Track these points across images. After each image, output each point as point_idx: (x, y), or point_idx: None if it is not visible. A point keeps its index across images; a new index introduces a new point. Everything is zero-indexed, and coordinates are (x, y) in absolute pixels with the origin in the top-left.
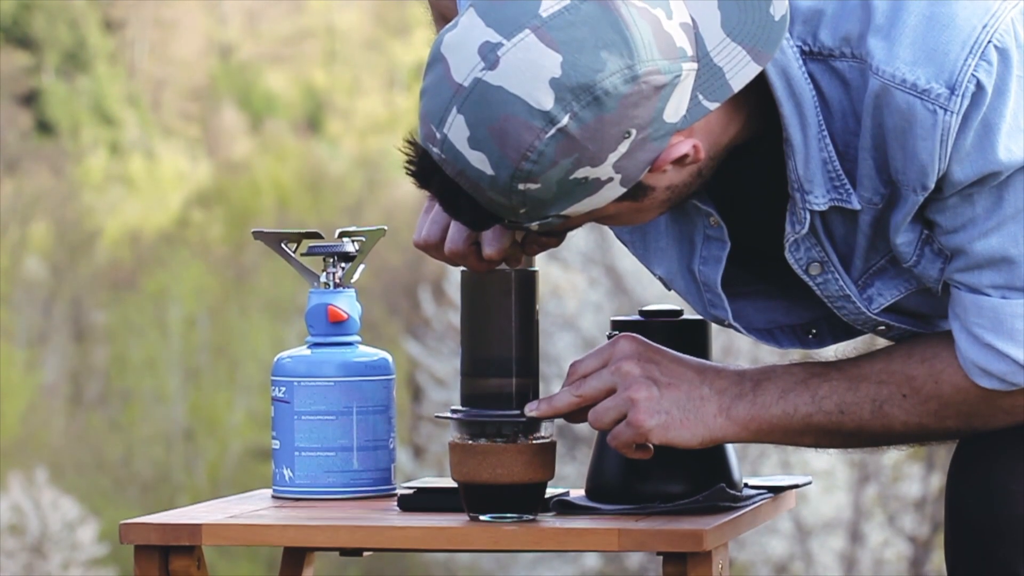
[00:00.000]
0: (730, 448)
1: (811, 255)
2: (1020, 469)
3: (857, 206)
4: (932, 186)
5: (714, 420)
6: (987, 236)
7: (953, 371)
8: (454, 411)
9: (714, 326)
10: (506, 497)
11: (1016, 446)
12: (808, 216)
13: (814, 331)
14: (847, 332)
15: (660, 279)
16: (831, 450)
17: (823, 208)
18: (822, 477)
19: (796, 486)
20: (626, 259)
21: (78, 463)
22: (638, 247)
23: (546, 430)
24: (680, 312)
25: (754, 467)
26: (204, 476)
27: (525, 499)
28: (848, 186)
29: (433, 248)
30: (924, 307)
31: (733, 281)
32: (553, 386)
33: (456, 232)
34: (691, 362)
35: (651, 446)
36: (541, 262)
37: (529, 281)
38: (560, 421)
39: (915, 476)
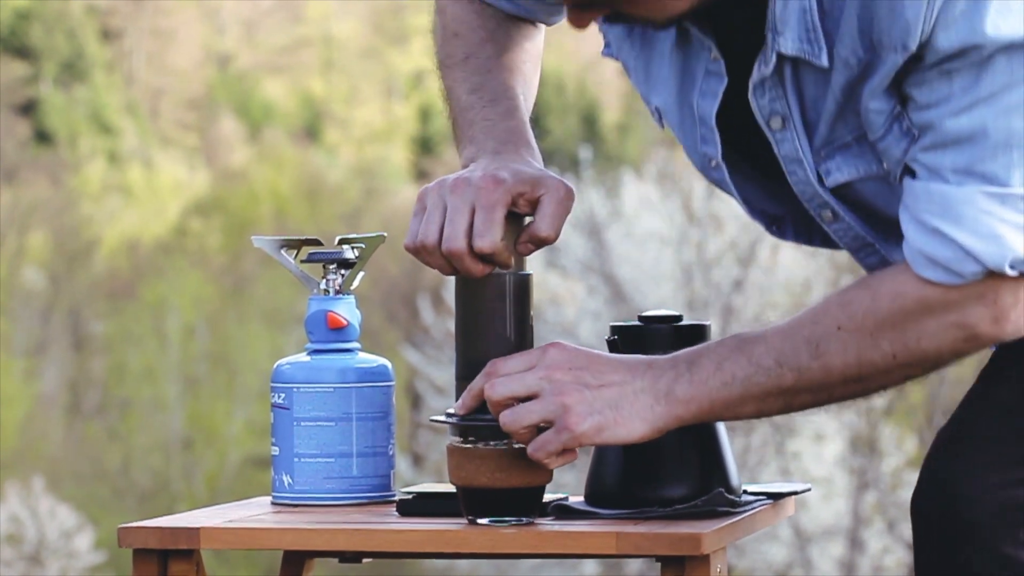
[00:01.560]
0: (728, 453)
1: (774, 107)
2: (979, 479)
3: (825, 63)
4: (914, 48)
5: (652, 411)
6: (958, 115)
7: (891, 280)
8: (449, 415)
9: (714, 332)
10: (504, 501)
11: (975, 458)
12: (775, 58)
13: (778, 225)
14: (808, 232)
15: (656, 111)
16: (776, 418)
17: (790, 53)
18: (821, 484)
19: (795, 493)
20: (624, 267)
21: (76, 472)
22: (640, 74)
23: None
24: (680, 317)
25: (753, 474)
26: (203, 484)
27: (523, 503)
28: (821, 42)
29: (427, 251)
30: (878, 198)
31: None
32: None
33: (453, 230)
34: (624, 360)
35: (577, 450)
36: (539, 271)
37: (523, 285)
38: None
39: (914, 483)
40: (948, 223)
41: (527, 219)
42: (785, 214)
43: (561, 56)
